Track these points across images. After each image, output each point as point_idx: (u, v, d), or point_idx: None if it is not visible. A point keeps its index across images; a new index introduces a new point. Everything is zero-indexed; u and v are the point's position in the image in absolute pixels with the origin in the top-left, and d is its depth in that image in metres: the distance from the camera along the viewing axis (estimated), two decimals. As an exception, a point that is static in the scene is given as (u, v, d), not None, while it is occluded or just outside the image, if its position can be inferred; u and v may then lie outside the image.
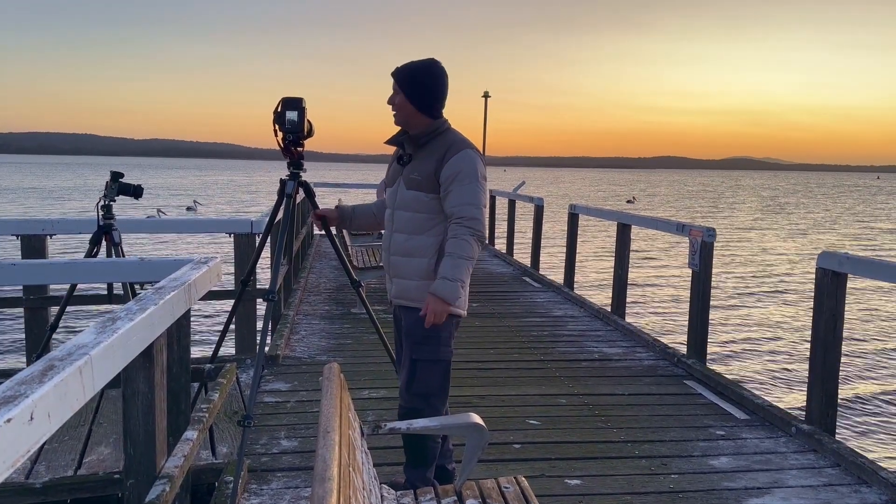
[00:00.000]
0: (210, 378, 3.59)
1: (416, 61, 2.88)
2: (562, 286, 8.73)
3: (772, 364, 9.56)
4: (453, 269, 2.77)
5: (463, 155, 2.82)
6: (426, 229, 2.88)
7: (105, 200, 4.31)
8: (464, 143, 2.87)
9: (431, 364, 2.94)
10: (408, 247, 2.91)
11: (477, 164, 2.84)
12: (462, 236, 2.78)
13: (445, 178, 2.82)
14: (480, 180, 2.84)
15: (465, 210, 2.79)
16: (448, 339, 2.95)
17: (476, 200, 2.81)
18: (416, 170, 2.88)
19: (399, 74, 2.86)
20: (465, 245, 2.78)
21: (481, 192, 2.83)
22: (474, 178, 2.82)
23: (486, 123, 16.67)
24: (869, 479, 3.50)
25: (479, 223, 2.80)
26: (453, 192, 2.81)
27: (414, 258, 2.90)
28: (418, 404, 2.94)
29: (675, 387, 5.05)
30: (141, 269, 3.06)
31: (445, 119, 2.93)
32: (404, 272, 2.94)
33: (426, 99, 2.85)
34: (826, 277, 4.13)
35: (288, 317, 6.64)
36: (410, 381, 2.98)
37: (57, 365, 1.46)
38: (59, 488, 3.09)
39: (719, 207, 47.80)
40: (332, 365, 2.05)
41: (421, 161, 2.88)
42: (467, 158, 2.82)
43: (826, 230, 31.61)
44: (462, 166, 2.80)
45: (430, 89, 2.85)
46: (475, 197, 2.81)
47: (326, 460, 1.40)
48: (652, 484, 3.47)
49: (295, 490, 3.32)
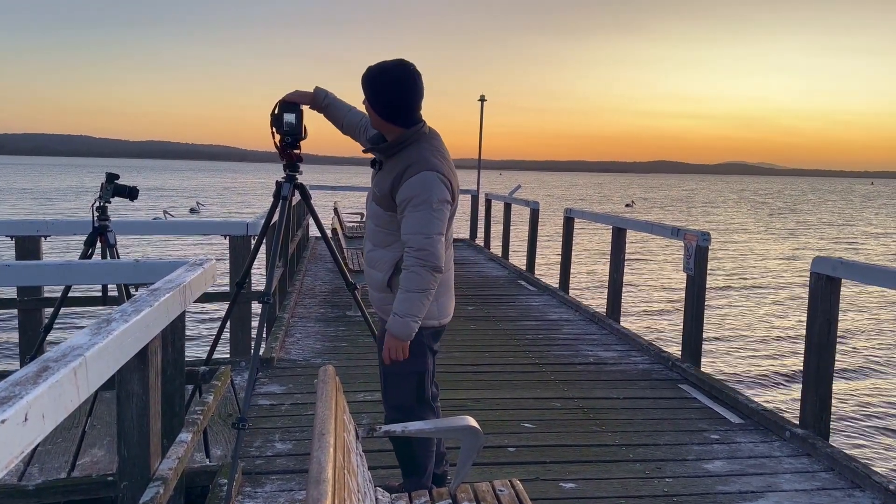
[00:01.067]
0: (205, 380, 3.58)
1: (382, 64, 2.67)
2: (557, 290, 8.74)
3: (766, 368, 9.59)
4: (403, 303, 2.65)
5: (419, 178, 2.61)
6: (386, 244, 2.79)
7: (100, 202, 4.30)
8: (424, 163, 2.64)
9: (400, 377, 2.85)
10: (371, 257, 2.86)
11: (433, 188, 2.61)
12: (411, 268, 2.63)
13: (401, 200, 2.65)
14: (435, 206, 2.61)
15: (414, 240, 2.62)
16: (417, 350, 2.79)
17: (426, 229, 2.60)
18: (378, 183, 2.76)
19: (363, 79, 2.68)
20: (415, 277, 2.63)
21: (434, 218, 2.62)
22: (427, 205, 2.60)
23: (482, 127, 16.68)
24: (862, 482, 3.51)
25: (430, 253, 2.61)
26: (406, 219, 2.65)
27: (374, 270, 2.84)
28: (395, 416, 2.86)
29: (669, 391, 5.06)
30: (136, 271, 3.05)
31: (421, 125, 2.71)
32: (369, 281, 2.89)
33: (388, 108, 2.66)
34: (820, 282, 4.14)
35: (283, 319, 6.64)
36: (384, 393, 2.94)
37: (51, 366, 1.46)
38: (53, 490, 3.08)
39: (714, 211, 47.91)
40: (327, 367, 2.05)
41: (384, 174, 2.73)
42: (423, 182, 2.61)
43: (820, 235, 31.71)
44: (416, 191, 2.61)
45: (391, 97, 2.65)
46: (426, 225, 2.60)
47: (321, 463, 1.40)
48: (646, 488, 3.48)
49: (289, 493, 3.31)
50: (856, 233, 33.71)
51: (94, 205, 4.30)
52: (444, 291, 2.85)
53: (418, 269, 2.63)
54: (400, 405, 2.89)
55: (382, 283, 2.79)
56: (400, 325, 2.66)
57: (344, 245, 8.23)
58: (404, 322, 2.65)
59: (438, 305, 2.83)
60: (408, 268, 2.65)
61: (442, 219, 2.65)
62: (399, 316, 2.66)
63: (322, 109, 3.13)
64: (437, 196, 2.63)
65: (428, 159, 2.65)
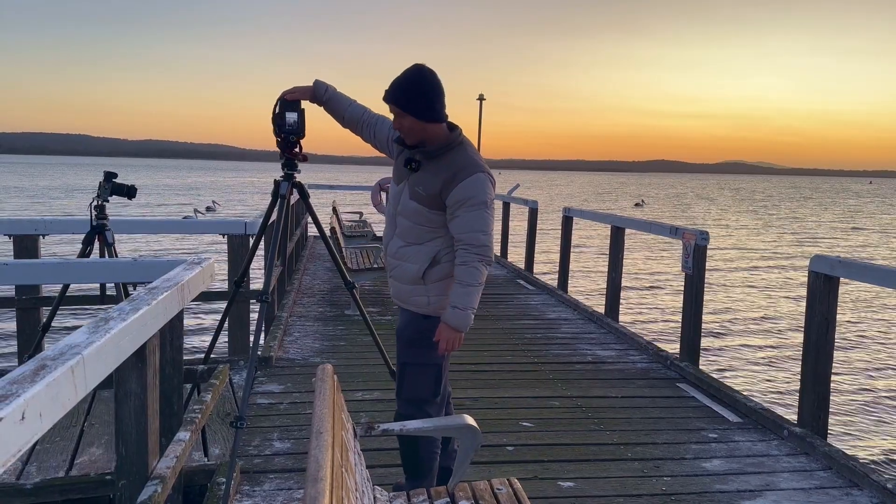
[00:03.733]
0: (203, 379, 3.57)
1: (404, 75, 2.74)
2: (555, 289, 8.75)
3: (764, 367, 9.59)
4: (464, 297, 2.76)
5: (475, 180, 2.74)
6: (424, 240, 2.85)
7: (98, 200, 4.30)
8: (476, 166, 2.77)
9: (420, 368, 2.90)
10: (404, 252, 2.89)
11: (487, 189, 2.77)
12: (471, 263, 2.76)
13: (454, 201, 2.74)
14: (490, 206, 2.78)
15: (473, 237, 2.75)
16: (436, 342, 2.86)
17: (485, 227, 2.76)
18: (421, 184, 2.80)
19: (394, 96, 2.74)
20: (475, 272, 2.77)
21: (490, 218, 2.79)
22: (483, 205, 2.75)
23: (480, 126, 16.70)
24: (860, 481, 3.52)
25: (488, 249, 2.78)
26: (461, 218, 2.75)
27: (407, 263, 2.88)
28: (410, 411, 2.90)
29: (667, 389, 5.06)
30: (134, 270, 3.05)
31: (459, 130, 2.84)
32: (397, 274, 2.93)
33: (430, 109, 2.74)
34: (818, 281, 4.15)
35: (281, 318, 6.63)
36: (401, 387, 2.96)
37: (49, 364, 1.46)
38: (51, 489, 3.08)
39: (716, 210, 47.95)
40: (325, 366, 2.05)
41: (429, 175, 2.78)
42: (478, 184, 2.74)
43: (820, 234, 31.74)
44: (473, 192, 2.73)
45: (428, 97, 2.73)
46: (484, 224, 2.76)
47: (319, 461, 1.40)
48: (644, 486, 3.48)
49: (287, 492, 3.31)
50: (855, 232, 33.73)
51: (93, 203, 4.30)
52: None
53: (478, 265, 2.77)
54: (418, 399, 2.93)
55: (417, 275, 2.85)
56: (461, 316, 2.77)
57: (342, 244, 8.23)
58: (465, 314, 2.77)
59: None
60: (467, 263, 2.77)
61: (493, 217, 2.83)
62: (459, 309, 2.76)
63: (323, 103, 3.11)
64: (491, 196, 2.80)
65: (477, 162, 2.80)
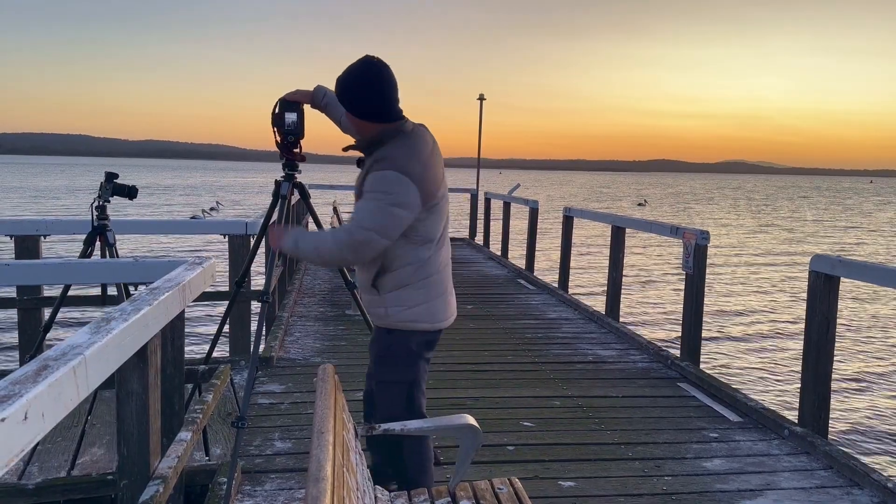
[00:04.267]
0: (204, 379, 3.59)
1: (350, 67, 2.55)
2: (556, 288, 8.75)
3: (765, 366, 9.60)
4: (307, 239, 2.66)
5: (381, 176, 2.49)
6: None
7: (99, 201, 4.31)
8: (391, 163, 2.50)
9: (388, 385, 2.76)
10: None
11: (392, 187, 2.47)
12: (336, 234, 2.59)
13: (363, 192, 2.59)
14: (386, 204, 2.48)
15: (351, 224, 2.55)
16: (406, 357, 2.70)
17: (368, 221, 2.49)
18: (358, 181, 2.70)
19: (336, 85, 2.59)
20: (328, 240, 2.60)
21: (378, 213, 2.48)
22: (377, 201, 2.49)
23: (481, 126, 16.69)
24: (861, 481, 3.52)
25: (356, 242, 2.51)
26: (356, 207, 2.59)
27: (361, 269, 2.76)
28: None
29: (668, 389, 5.06)
30: (135, 270, 3.05)
31: (400, 122, 2.60)
32: (357, 282, 2.86)
33: (364, 107, 2.57)
34: (819, 280, 4.15)
35: (282, 318, 6.64)
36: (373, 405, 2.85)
37: (51, 365, 1.46)
38: (53, 489, 3.09)
39: (716, 209, 47.93)
40: (326, 366, 2.06)
41: (361, 173, 2.66)
42: (383, 180, 2.48)
43: (821, 233, 31.72)
44: (374, 185, 2.50)
45: (363, 96, 2.55)
46: (369, 216, 2.50)
47: (320, 461, 1.40)
48: (645, 486, 3.48)
49: (289, 491, 3.31)
50: (855, 231, 33.72)
51: (94, 204, 4.30)
52: (436, 294, 2.70)
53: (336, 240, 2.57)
54: (389, 416, 2.70)
55: (368, 283, 2.70)
56: (289, 242, 2.64)
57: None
58: (293, 245, 2.64)
59: (429, 308, 2.68)
60: (333, 231, 2.66)
61: (389, 220, 2.49)
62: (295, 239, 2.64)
63: (322, 108, 3.14)
64: (395, 196, 2.48)
65: (396, 158, 2.51)
